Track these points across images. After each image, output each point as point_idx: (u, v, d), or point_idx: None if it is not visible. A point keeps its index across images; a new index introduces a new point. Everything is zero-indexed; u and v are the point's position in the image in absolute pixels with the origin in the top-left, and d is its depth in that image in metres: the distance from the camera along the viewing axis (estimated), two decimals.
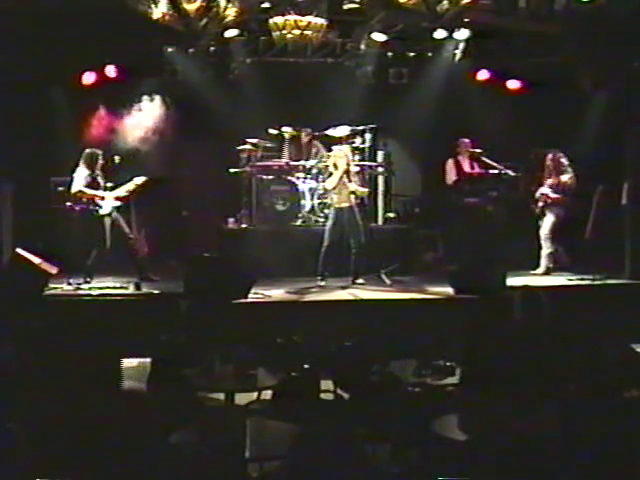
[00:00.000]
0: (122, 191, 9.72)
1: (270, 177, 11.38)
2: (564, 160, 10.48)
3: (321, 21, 10.10)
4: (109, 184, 9.71)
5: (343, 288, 9.63)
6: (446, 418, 4.69)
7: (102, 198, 9.60)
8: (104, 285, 9.35)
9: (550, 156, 10.53)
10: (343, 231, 9.79)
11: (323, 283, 9.71)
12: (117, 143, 10.89)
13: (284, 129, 11.54)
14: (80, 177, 9.59)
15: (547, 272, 10.37)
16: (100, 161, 9.71)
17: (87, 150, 9.77)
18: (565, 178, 10.43)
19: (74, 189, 9.57)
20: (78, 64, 10.48)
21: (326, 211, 10.60)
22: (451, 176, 11.22)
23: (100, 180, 9.70)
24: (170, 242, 11.16)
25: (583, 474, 3.49)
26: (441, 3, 9.25)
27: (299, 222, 11.12)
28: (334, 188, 9.80)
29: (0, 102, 9.81)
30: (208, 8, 9.34)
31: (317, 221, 11.01)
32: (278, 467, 4.18)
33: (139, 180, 9.76)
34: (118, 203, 9.68)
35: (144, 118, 11.59)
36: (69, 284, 9.29)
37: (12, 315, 7.39)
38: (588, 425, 3.88)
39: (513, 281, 9.24)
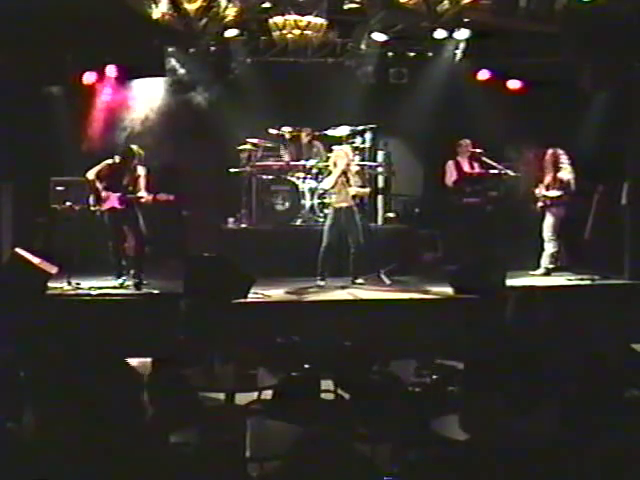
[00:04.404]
0: (131, 195, 9.58)
1: (270, 177, 11.38)
2: (563, 157, 10.46)
3: (321, 21, 10.10)
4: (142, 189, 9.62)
5: (342, 288, 9.63)
6: (446, 418, 4.69)
7: (105, 197, 9.57)
8: (104, 285, 9.36)
9: (549, 153, 10.50)
10: (342, 231, 9.79)
11: (322, 283, 9.71)
12: (116, 143, 10.92)
13: (284, 129, 11.54)
14: (100, 165, 9.61)
15: (547, 273, 10.36)
16: (133, 158, 9.59)
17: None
18: (563, 175, 10.40)
19: (88, 174, 9.59)
20: (78, 64, 10.47)
21: (326, 211, 10.59)
22: (452, 177, 11.20)
23: (127, 179, 9.57)
24: (170, 242, 11.16)
25: (583, 474, 3.49)
26: (441, 3, 9.26)
27: (299, 222, 11.12)
28: (332, 187, 9.81)
29: (0, 102, 9.81)
30: (208, 8, 9.34)
31: (317, 221, 11.01)
32: (278, 467, 4.18)
33: (162, 196, 9.66)
34: (116, 204, 9.63)
35: (144, 118, 11.61)
36: (69, 284, 9.29)
37: (12, 315, 7.40)
38: (588, 425, 3.89)
39: (513, 281, 9.25)
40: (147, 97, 11.61)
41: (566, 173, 10.39)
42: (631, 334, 7.52)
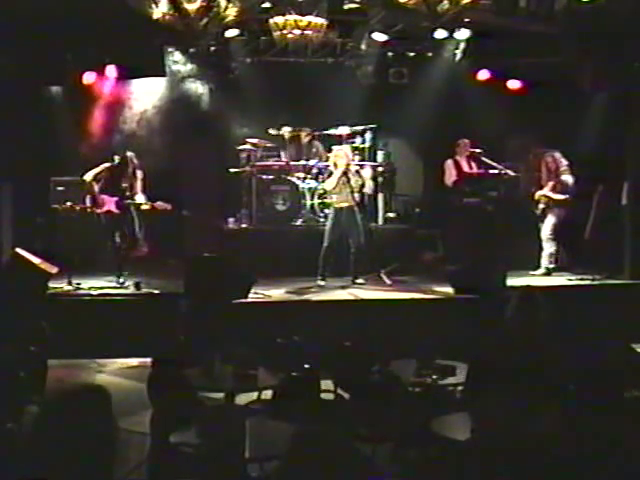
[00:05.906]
0: (130, 202, 9.58)
1: (270, 177, 11.38)
2: (563, 160, 10.47)
3: (321, 21, 10.10)
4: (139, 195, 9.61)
5: (343, 288, 9.63)
6: (446, 418, 4.69)
7: (102, 201, 9.55)
8: (104, 285, 9.36)
9: (549, 157, 10.52)
10: (342, 231, 9.79)
11: (323, 283, 9.71)
12: (116, 143, 10.93)
13: (284, 129, 11.55)
14: (98, 168, 9.59)
15: (547, 273, 10.37)
16: (127, 165, 9.59)
17: None
18: (567, 178, 10.41)
19: (86, 176, 9.62)
20: (78, 64, 10.48)
21: (326, 211, 10.60)
22: (450, 176, 11.18)
23: (125, 183, 9.57)
24: (170, 242, 11.15)
25: (583, 474, 3.49)
26: (441, 3, 9.24)
27: (299, 222, 11.12)
28: (334, 188, 9.81)
29: (0, 102, 9.81)
30: (208, 8, 9.33)
31: (317, 221, 11.01)
32: (278, 467, 4.17)
33: (160, 205, 9.59)
34: (113, 207, 9.59)
35: (143, 118, 11.62)
36: (69, 284, 9.29)
37: (13, 315, 7.40)
38: (588, 425, 3.88)
39: (513, 281, 9.25)
40: (147, 97, 11.62)
41: (568, 176, 10.40)
42: (631, 334, 7.51)
